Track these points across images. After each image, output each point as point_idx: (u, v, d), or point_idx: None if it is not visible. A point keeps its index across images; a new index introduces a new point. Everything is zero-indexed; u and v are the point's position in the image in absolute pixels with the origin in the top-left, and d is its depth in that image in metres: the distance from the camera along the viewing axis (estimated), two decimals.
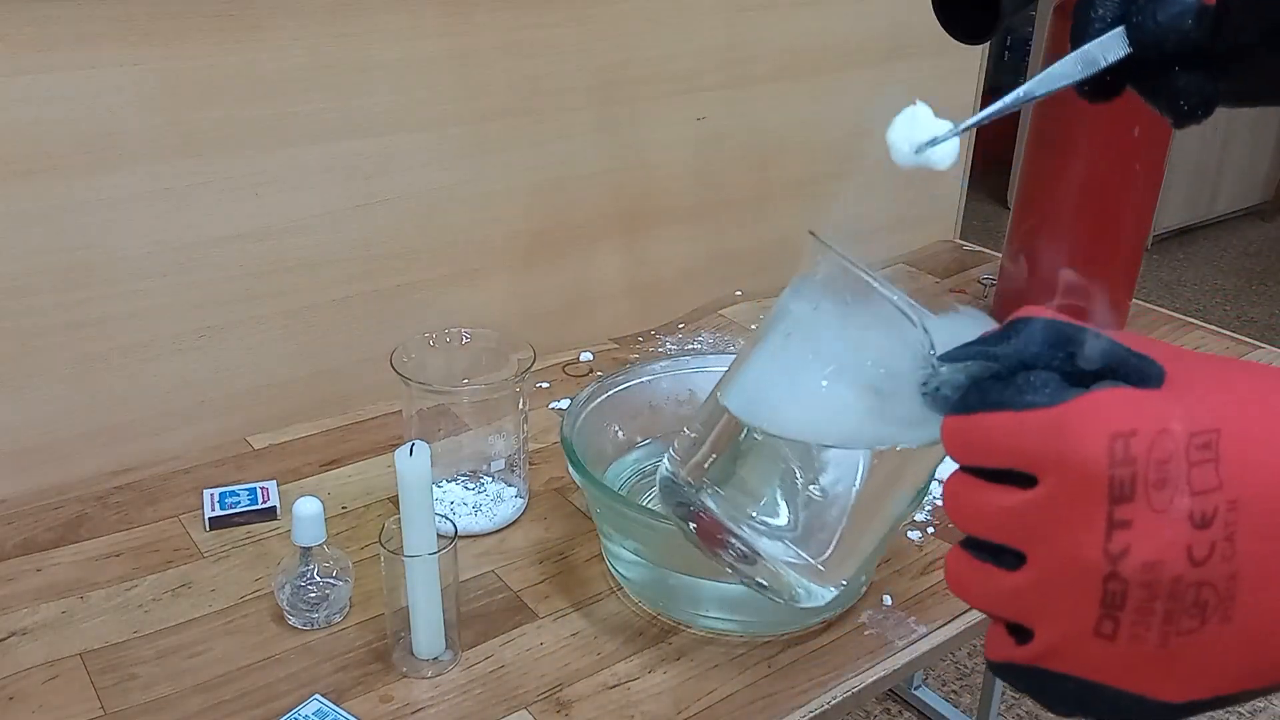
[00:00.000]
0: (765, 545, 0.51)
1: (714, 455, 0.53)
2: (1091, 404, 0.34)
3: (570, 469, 0.81)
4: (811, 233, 0.49)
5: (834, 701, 0.75)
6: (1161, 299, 3.21)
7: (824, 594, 0.54)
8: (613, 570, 0.86)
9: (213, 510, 0.92)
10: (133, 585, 0.84)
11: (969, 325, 0.41)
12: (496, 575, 0.87)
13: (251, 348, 1.06)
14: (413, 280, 1.14)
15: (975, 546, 0.37)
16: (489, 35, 1.10)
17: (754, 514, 0.51)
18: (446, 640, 0.77)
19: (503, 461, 0.94)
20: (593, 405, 0.90)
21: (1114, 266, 1.24)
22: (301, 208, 1.04)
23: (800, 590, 0.54)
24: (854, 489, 0.49)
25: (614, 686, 0.76)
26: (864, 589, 0.85)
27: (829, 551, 0.50)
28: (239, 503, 0.93)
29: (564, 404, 1.10)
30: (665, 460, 0.56)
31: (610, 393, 0.92)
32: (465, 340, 0.97)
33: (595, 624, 0.82)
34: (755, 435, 0.51)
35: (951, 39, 1.17)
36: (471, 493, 0.93)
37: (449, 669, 0.77)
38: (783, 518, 0.51)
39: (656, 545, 0.82)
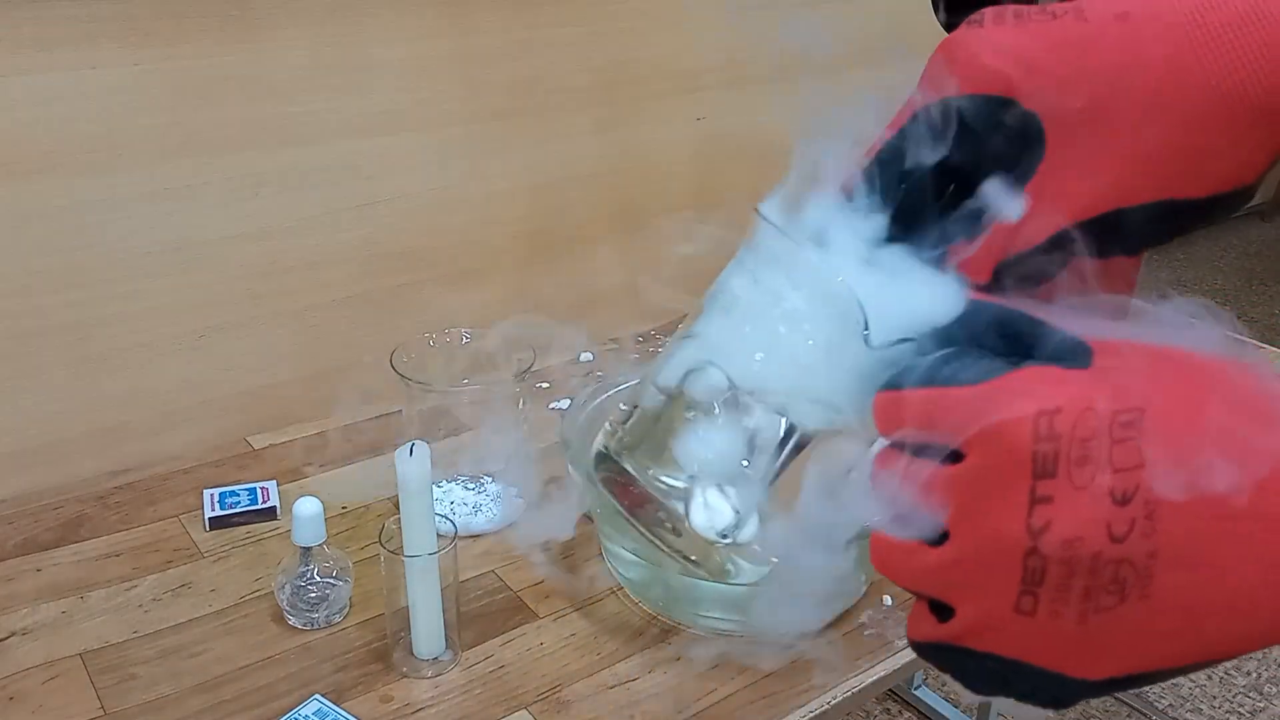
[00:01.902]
0: (693, 517, 0.50)
1: (646, 428, 0.53)
2: (1019, 380, 0.35)
3: (570, 469, 0.81)
4: (755, 208, 0.49)
5: (834, 701, 0.75)
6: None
7: (754, 570, 0.55)
8: (613, 570, 0.86)
9: (213, 510, 0.92)
10: (133, 585, 0.84)
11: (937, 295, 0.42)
12: (496, 575, 0.87)
13: (251, 348, 1.06)
14: (413, 280, 1.14)
15: (901, 523, 0.37)
16: (489, 35, 1.10)
17: (682, 486, 0.51)
18: (446, 640, 0.77)
19: (503, 461, 0.94)
20: (593, 405, 0.90)
21: (1114, 266, 1.23)
22: (301, 208, 1.04)
23: (729, 565, 0.55)
24: (776, 464, 0.48)
25: (614, 686, 0.76)
26: (864, 589, 0.85)
27: (753, 526, 0.50)
28: (239, 503, 0.93)
29: (564, 404, 1.10)
30: (600, 434, 0.55)
31: (610, 393, 0.92)
32: (465, 340, 0.97)
33: (595, 624, 0.82)
34: (687, 411, 0.50)
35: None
36: (471, 493, 0.93)
37: (449, 669, 0.77)
38: (717, 509, 0.51)
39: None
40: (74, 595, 0.83)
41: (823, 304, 0.44)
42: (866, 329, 0.41)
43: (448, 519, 0.78)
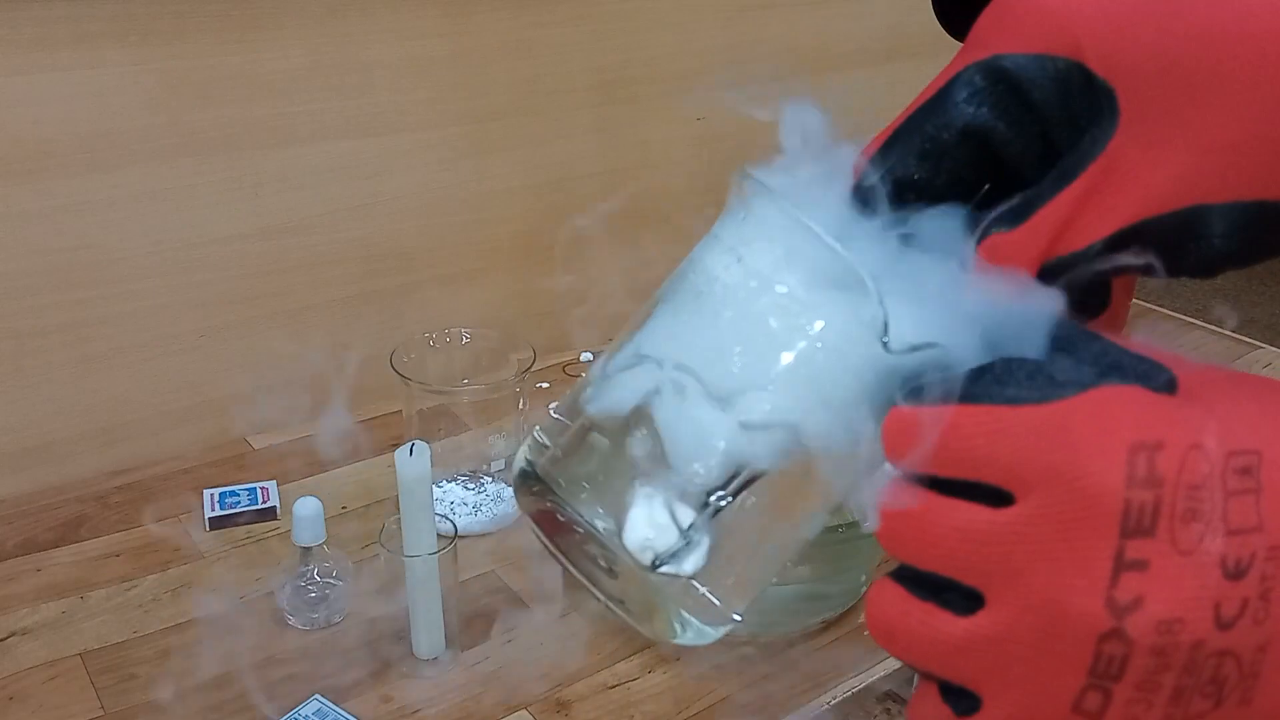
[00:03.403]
0: (628, 533, 0.38)
1: (583, 446, 0.41)
2: (1102, 402, 0.26)
3: None
4: (746, 171, 0.40)
5: (834, 701, 0.75)
6: (1161, 299, 3.21)
7: (706, 630, 0.40)
8: None
9: (213, 510, 0.92)
10: (133, 585, 0.84)
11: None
12: (496, 575, 0.87)
13: (251, 348, 1.06)
14: (413, 280, 1.14)
15: (913, 580, 0.29)
16: (489, 35, 1.10)
17: (620, 521, 0.38)
18: (446, 640, 0.77)
19: (503, 461, 0.94)
20: None
21: (1120, 282, 1.23)
22: (301, 208, 1.04)
23: (675, 623, 0.40)
24: (749, 501, 0.36)
25: (614, 686, 0.76)
26: (864, 589, 0.85)
27: (699, 556, 0.37)
28: (239, 503, 0.93)
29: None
30: (524, 446, 0.44)
31: None
32: (465, 340, 0.96)
33: (595, 624, 0.82)
34: (636, 425, 0.38)
35: (951, 39, 1.17)
36: (471, 493, 0.93)
37: (449, 669, 0.77)
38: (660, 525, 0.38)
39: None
40: (74, 595, 0.83)
41: (828, 292, 0.34)
42: (886, 328, 0.31)
43: (448, 519, 0.78)
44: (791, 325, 0.34)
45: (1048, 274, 0.33)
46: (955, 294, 0.32)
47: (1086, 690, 0.25)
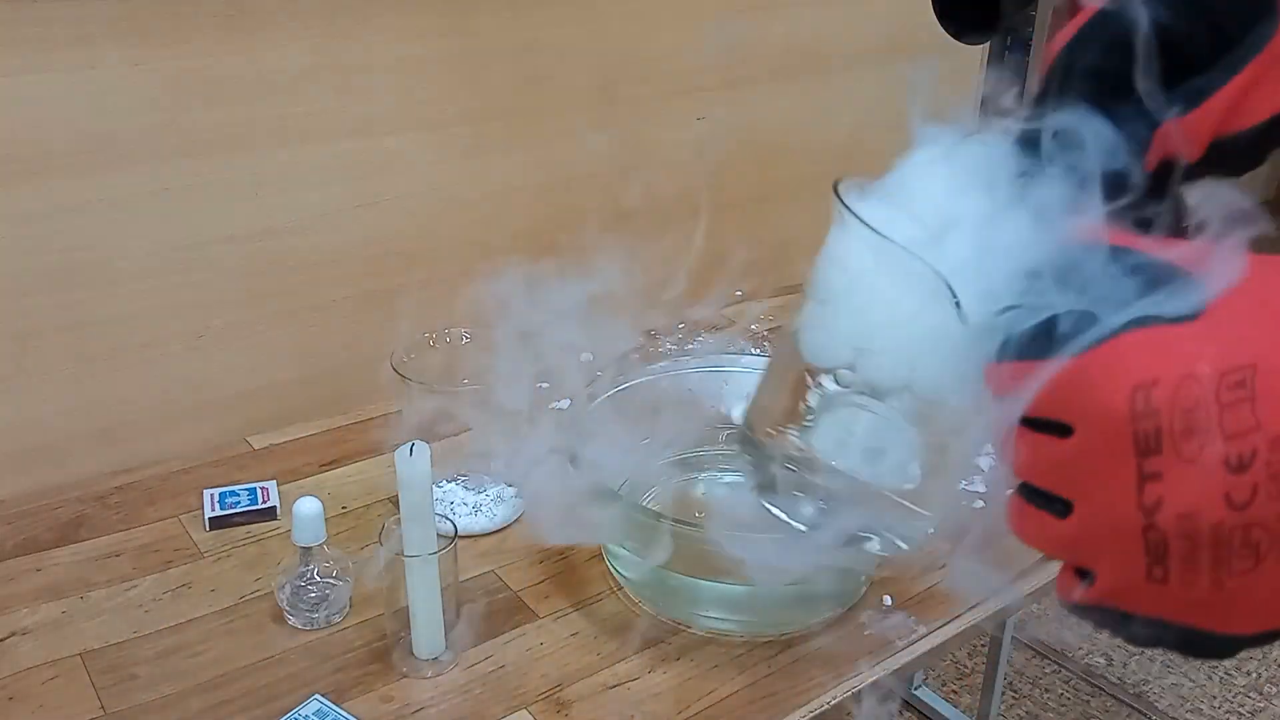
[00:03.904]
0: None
1: (797, 402, 0.51)
2: (1113, 353, 0.33)
3: (570, 469, 0.81)
4: (834, 188, 0.47)
5: (834, 701, 0.75)
6: None
7: (913, 532, 0.53)
8: (613, 570, 0.86)
9: (213, 510, 0.92)
10: (133, 585, 0.84)
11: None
12: (496, 575, 0.87)
13: (251, 348, 1.06)
14: (413, 280, 1.14)
15: (1030, 492, 0.36)
16: (489, 35, 1.10)
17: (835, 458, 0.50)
18: (446, 640, 0.77)
19: (503, 461, 0.94)
20: (593, 405, 0.90)
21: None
22: (301, 208, 1.04)
23: (895, 535, 0.53)
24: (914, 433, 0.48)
25: (614, 686, 0.76)
26: (864, 589, 0.85)
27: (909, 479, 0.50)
28: (239, 503, 0.93)
29: (564, 404, 1.10)
30: (745, 416, 0.55)
31: (610, 393, 0.92)
32: (465, 340, 0.97)
33: (595, 624, 0.82)
34: (836, 383, 0.49)
35: (951, 39, 1.17)
36: (471, 493, 0.93)
37: (449, 669, 0.77)
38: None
39: (656, 545, 0.82)
40: (74, 595, 0.83)
41: (910, 286, 0.42)
42: (959, 307, 0.40)
43: (448, 519, 0.78)
44: (897, 316, 0.44)
45: (1216, 147, 0.41)
46: (1027, 255, 0.39)
47: (1151, 566, 0.33)
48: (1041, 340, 0.35)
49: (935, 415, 0.46)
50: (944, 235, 0.42)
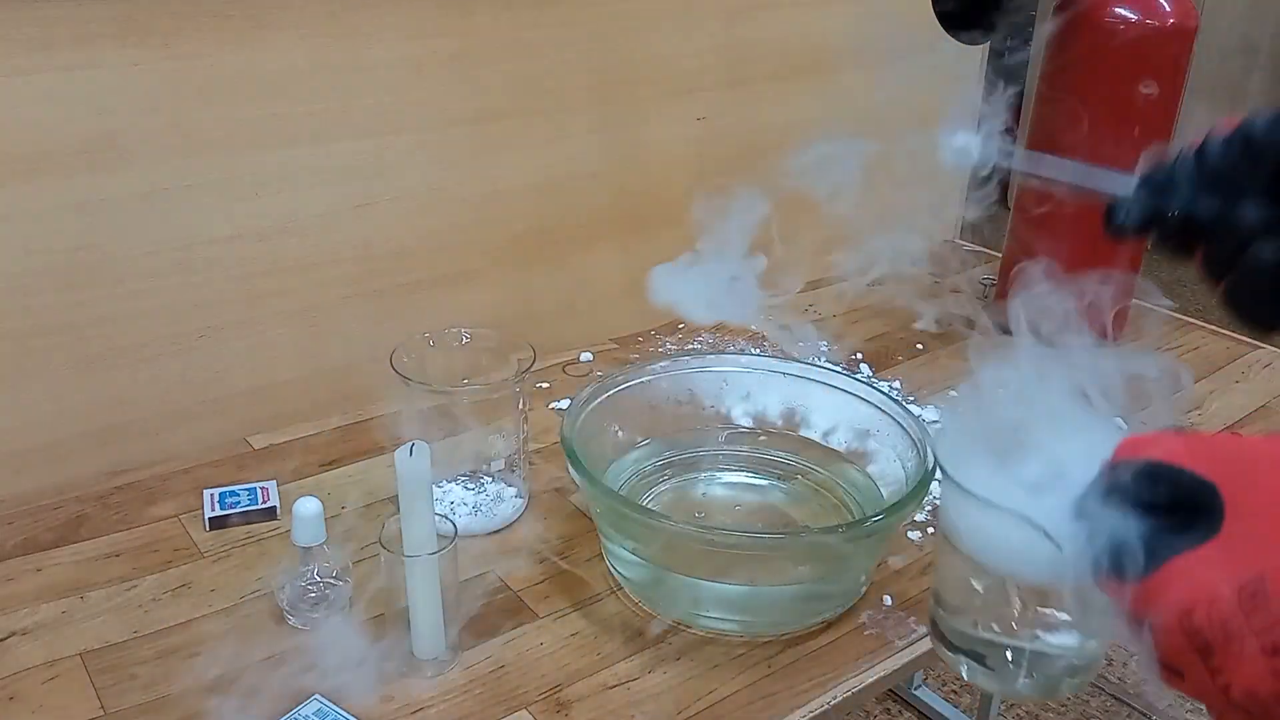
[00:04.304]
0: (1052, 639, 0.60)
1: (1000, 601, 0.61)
2: (1161, 583, 0.44)
3: (570, 469, 0.81)
4: (938, 462, 0.60)
5: (834, 701, 0.75)
6: (1162, 300, 3.21)
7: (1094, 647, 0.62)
8: (613, 570, 0.86)
9: (213, 510, 0.92)
10: (133, 585, 0.84)
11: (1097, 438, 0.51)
12: (496, 575, 0.87)
13: (251, 348, 1.06)
14: (413, 280, 1.14)
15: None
16: (489, 35, 1.10)
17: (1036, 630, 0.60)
18: (446, 640, 0.77)
19: (503, 461, 0.94)
20: (593, 405, 0.90)
21: (1114, 266, 1.23)
22: (301, 208, 1.04)
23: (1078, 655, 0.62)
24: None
25: (614, 686, 0.76)
26: (864, 589, 0.85)
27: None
28: (239, 503, 0.93)
29: (564, 404, 1.10)
30: (944, 619, 0.65)
31: (610, 393, 0.92)
32: (465, 340, 0.97)
33: (595, 624, 0.82)
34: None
35: (951, 39, 1.17)
36: (471, 493, 0.93)
37: (449, 669, 0.77)
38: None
39: (656, 545, 0.82)
40: (74, 595, 0.83)
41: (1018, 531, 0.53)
42: (1063, 554, 0.50)
43: (448, 519, 0.78)
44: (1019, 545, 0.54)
45: None
46: (1087, 476, 0.49)
47: (1228, 712, 0.43)
48: (1116, 560, 0.45)
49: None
50: (1020, 464, 0.55)
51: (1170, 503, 0.45)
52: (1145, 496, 0.46)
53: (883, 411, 0.90)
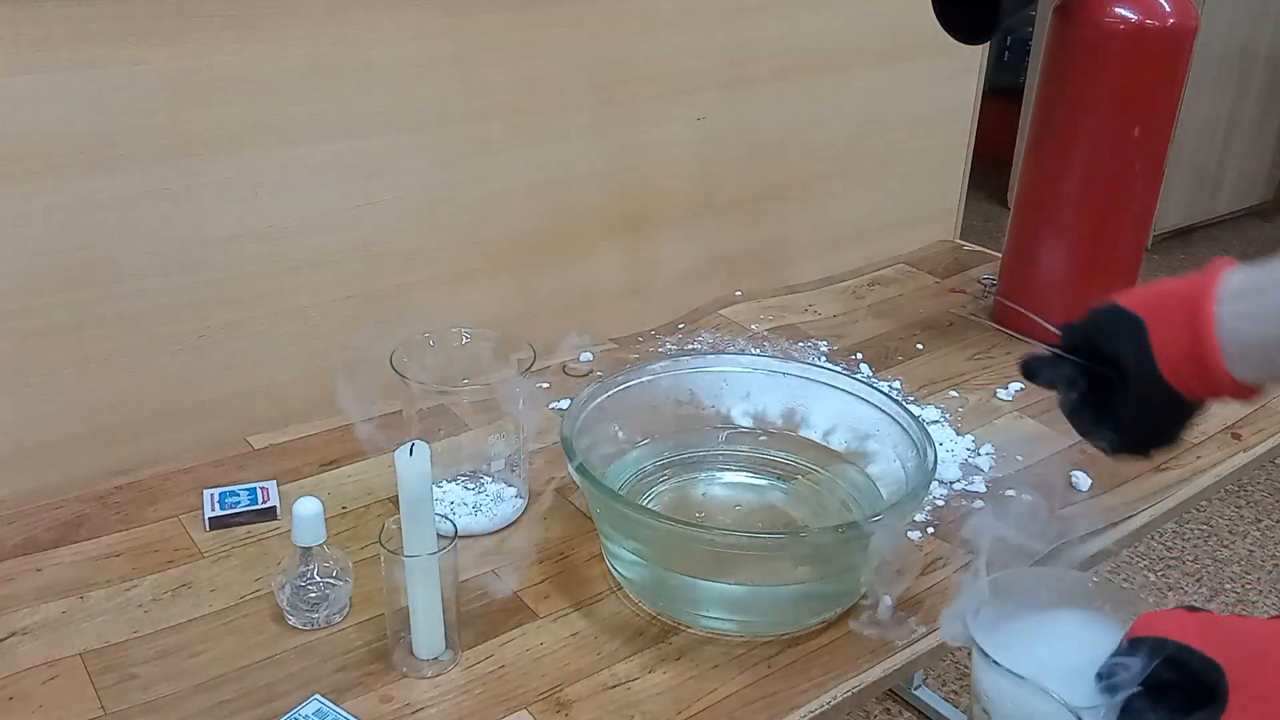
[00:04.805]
0: None
1: None
2: None
3: (570, 469, 0.81)
4: (967, 626, 0.63)
5: (834, 701, 0.75)
6: None
7: None
8: (613, 570, 0.86)
9: (213, 510, 0.92)
10: (133, 585, 0.84)
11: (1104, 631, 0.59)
12: (496, 575, 0.87)
13: (251, 348, 1.06)
14: (413, 280, 1.14)
15: None
16: (489, 35, 1.10)
17: None
18: (446, 640, 0.77)
19: (503, 461, 0.94)
20: (593, 405, 0.90)
21: (1114, 266, 1.24)
22: (301, 208, 1.04)
23: None
24: None
25: (614, 686, 0.76)
26: (864, 589, 0.85)
27: None
28: (239, 503, 0.93)
29: (564, 404, 1.10)
30: None
31: (610, 393, 0.92)
32: (465, 340, 0.97)
33: (595, 624, 0.82)
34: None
35: (951, 39, 1.17)
36: (471, 493, 0.93)
37: (449, 669, 0.77)
38: None
39: (656, 545, 0.82)
40: (74, 595, 0.83)
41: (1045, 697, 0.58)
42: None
43: (448, 519, 0.78)
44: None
45: None
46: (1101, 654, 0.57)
47: None
48: None
49: None
50: (1044, 646, 0.63)
51: (1180, 681, 0.49)
52: (1157, 674, 0.50)
53: (883, 412, 0.90)
